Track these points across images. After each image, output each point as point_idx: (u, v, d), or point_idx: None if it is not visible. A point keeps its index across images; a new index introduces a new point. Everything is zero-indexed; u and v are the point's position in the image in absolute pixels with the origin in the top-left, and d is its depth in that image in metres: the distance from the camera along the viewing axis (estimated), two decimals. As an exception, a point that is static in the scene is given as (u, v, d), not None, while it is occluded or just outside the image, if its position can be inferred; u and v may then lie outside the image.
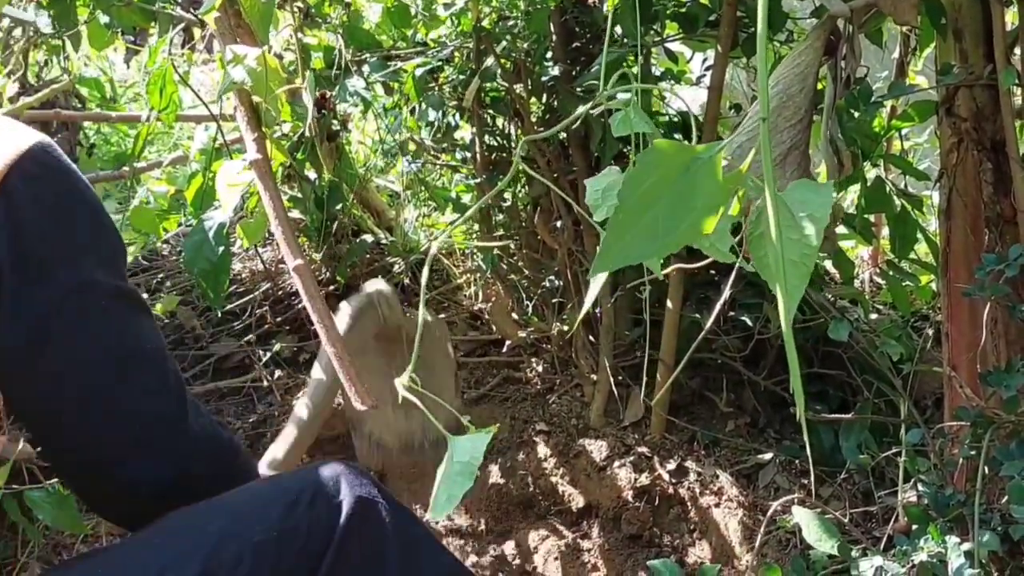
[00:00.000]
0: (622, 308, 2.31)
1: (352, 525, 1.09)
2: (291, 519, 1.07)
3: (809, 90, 1.40)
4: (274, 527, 1.06)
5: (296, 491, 1.09)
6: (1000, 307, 1.62)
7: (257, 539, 1.04)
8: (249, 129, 1.15)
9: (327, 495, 1.10)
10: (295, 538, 1.06)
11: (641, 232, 0.90)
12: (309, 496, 1.09)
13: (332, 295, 2.55)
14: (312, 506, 1.08)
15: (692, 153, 0.89)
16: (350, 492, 1.11)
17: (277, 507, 1.08)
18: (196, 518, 1.08)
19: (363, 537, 1.10)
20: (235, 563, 1.02)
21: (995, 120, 1.65)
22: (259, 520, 1.06)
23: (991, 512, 1.49)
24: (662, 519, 2.07)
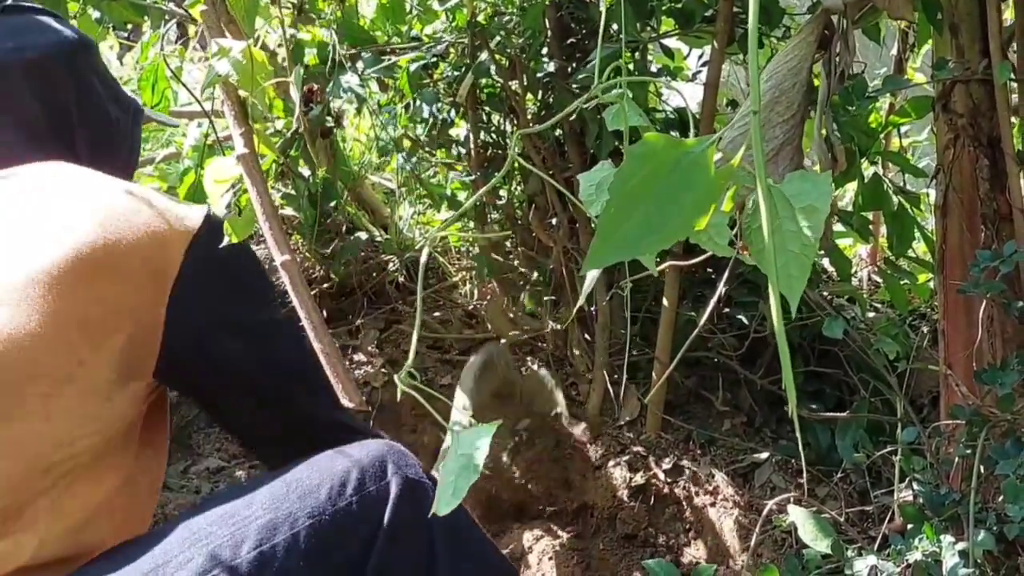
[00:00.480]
0: (618, 306, 2.30)
1: (402, 506, 1.10)
2: (341, 500, 1.08)
3: (802, 85, 1.39)
4: (326, 510, 1.06)
5: (344, 472, 1.10)
6: (996, 304, 1.61)
7: (309, 522, 1.05)
8: (236, 124, 1.13)
9: (375, 476, 1.11)
10: (347, 520, 1.07)
11: (632, 228, 0.88)
12: (357, 476, 1.10)
13: (326, 293, 2.54)
14: (361, 487, 1.09)
15: (682, 148, 0.87)
16: (398, 472, 1.12)
17: (325, 489, 1.08)
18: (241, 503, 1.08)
19: (412, 518, 1.10)
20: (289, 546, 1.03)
21: (991, 116, 1.64)
22: (309, 503, 1.07)
23: (986, 511, 1.48)
24: (658, 519, 2.06)
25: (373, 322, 2.51)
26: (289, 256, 1.01)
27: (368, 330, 2.48)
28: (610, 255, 0.88)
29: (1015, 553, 1.51)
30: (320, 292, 2.50)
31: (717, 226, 1.09)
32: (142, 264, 1.06)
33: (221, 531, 1.03)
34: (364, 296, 2.54)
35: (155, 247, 1.07)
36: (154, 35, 1.99)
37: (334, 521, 1.06)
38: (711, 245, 1.08)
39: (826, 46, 1.45)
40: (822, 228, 0.88)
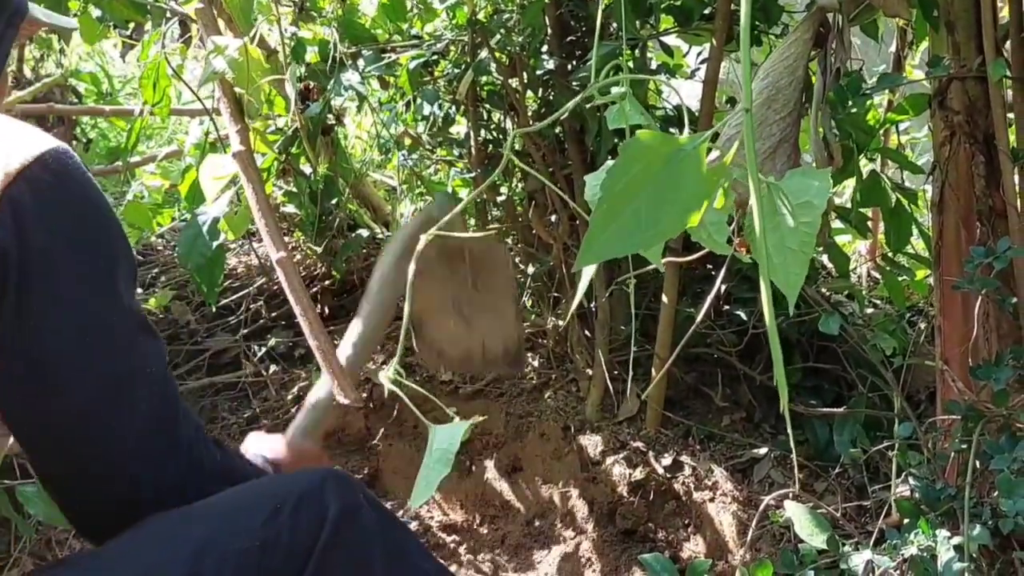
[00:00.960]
0: (618, 303, 2.31)
1: (336, 532, 1.07)
2: (274, 526, 1.04)
3: (798, 83, 1.40)
4: (257, 535, 1.03)
5: (280, 497, 1.07)
6: (991, 300, 1.61)
7: (240, 547, 1.02)
8: (232, 121, 1.14)
9: (311, 502, 1.08)
10: (278, 546, 1.04)
11: (624, 225, 0.89)
12: (293, 502, 1.06)
13: (328, 290, 2.55)
14: (296, 513, 1.06)
15: (675, 145, 0.88)
16: (335, 499, 1.09)
17: (260, 514, 1.05)
18: (176, 525, 1.05)
19: (348, 544, 1.09)
20: (217, 571, 1.00)
21: (987, 114, 1.64)
22: (242, 528, 1.04)
23: (981, 506, 1.49)
24: (657, 514, 2.07)
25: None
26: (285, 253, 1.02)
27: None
28: (602, 251, 0.89)
29: (1010, 547, 1.52)
30: (321, 289, 2.51)
31: (716, 224, 1.11)
32: None
33: (154, 553, 1.01)
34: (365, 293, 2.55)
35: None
36: (155, 33, 2.00)
37: (264, 547, 1.03)
38: (710, 242, 1.09)
39: (822, 44, 1.46)
40: (819, 224, 0.89)
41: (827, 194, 0.89)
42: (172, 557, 1.01)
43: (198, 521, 1.06)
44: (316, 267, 2.51)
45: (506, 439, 2.28)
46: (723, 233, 1.11)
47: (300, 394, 2.30)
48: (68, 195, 0.96)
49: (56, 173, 0.94)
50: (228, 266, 2.55)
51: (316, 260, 2.49)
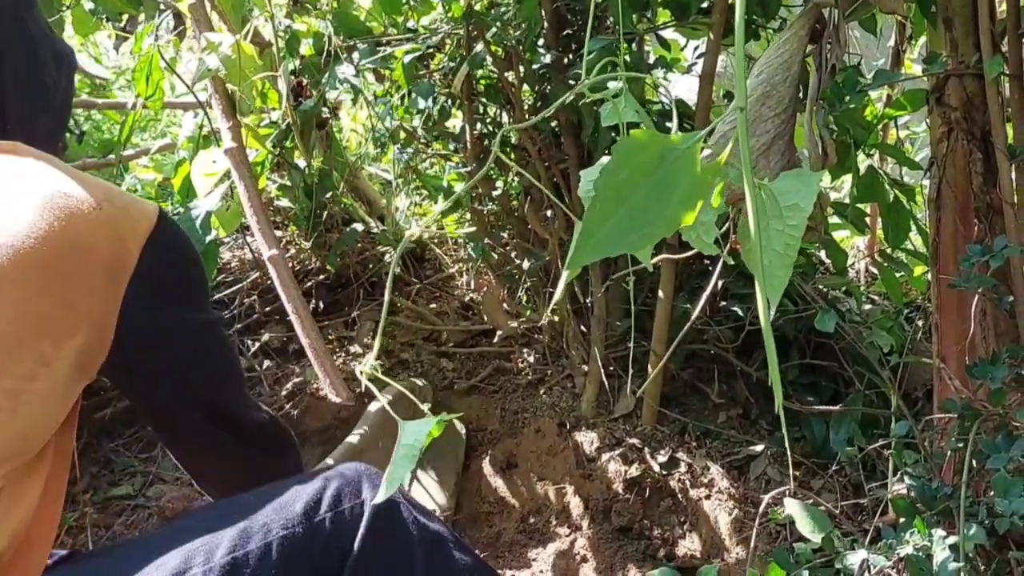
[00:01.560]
0: (614, 299, 2.30)
1: (377, 524, 1.10)
2: (315, 515, 1.08)
3: (794, 79, 1.39)
4: (299, 523, 1.07)
5: (318, 490, 1.11)
6: (988, 298, 1.60)
7: (283, 533, 1.05)
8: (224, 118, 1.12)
9: (350, 494, 1.11)
10: (319, 536, 1.07)
11: (617, 224, 0.88)
12: (332, 494, 1.10)
13: (322, 284, 2.54)
14: (336, 504, 1.09)
15: (668, 143, 0.87)
16: (374, 491, 1.12)
17: (300, 504, 1.08)
18: (217, 514, 1.09)
19: (388, 536, 1.11)
20: (263, 556, 1.03)
21: (985, 110, 1.63)
22: (285, 516, 1.07)
23: (978, 505, 1.48)
24: (652, 511, 2.06)
25: (369, 314, 2.51)
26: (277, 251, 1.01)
27: (364, 322, 2.48)
28: (595, 251, 0.88)
29: (1006, 547, 1.51)
30: (316, 284, 2.50)
31: (705, 224, 1.09)
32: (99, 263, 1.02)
33: (196, 538, 1.04)
34: (360, 287, 2.54)
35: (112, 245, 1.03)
36: (148, 26, 1.98)
37: (307, 535, 1.06)
38: (698, 243, 1.08)
39: (818, 40, 1.44)
40: (804, 227, 0.88)
41: (814, 197, 0.88)
42: (216, 542, 1.03)
43: (239, 510, 1.09)
44: (310, 261, 2.50)
45: (501, 435, 2.27)
46: (711, 234, 1.09)
47: (294, 389, 2.29)
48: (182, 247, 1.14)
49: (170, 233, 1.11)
50: (221, 260, 2.54)
51: (310, 254, 2.48)
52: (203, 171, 1.14)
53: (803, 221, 0.87)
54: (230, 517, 1.08)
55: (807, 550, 1.48)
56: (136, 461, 2.25)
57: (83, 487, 2.17)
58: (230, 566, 1.01)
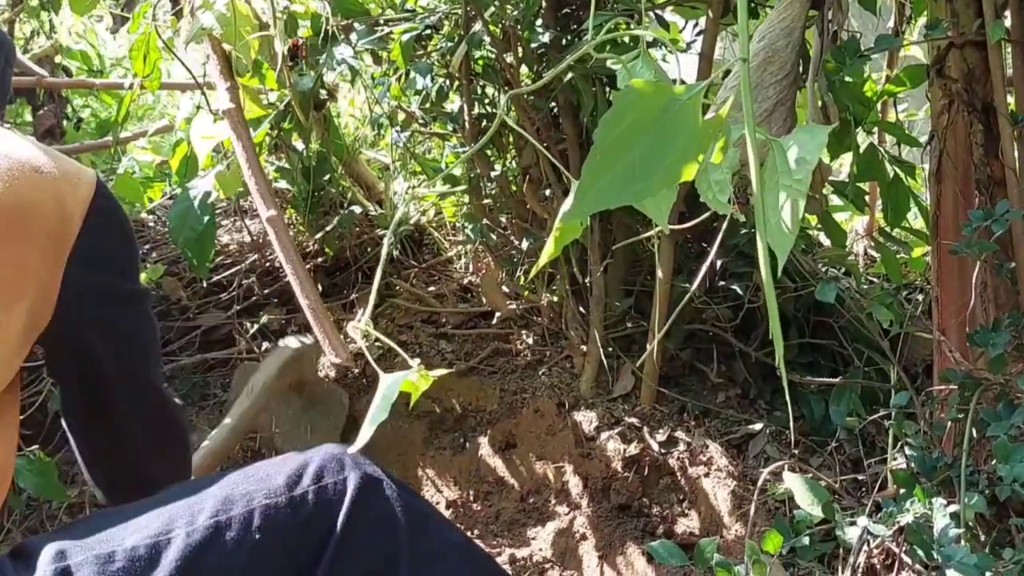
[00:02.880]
0: (613, 279, 2.29)
1: (360, 499, 1.09)
2: (298, 488, 1.07)
3: (795, 45, 1.38)
4: (281, 494, 1.06)
5: (300, 465, 1.09)
6: (989, 269, 1.60)
7: (265, 502, 1.04)
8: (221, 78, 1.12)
9: (333, 470, 1.10)
10: (302, 508, 1.06)
11: (619, 175, 0.87)
12: (315, 470, 1.08)
13: (320, 267, 2.53)
14: (319, 479, 1.08)
15: (670, 94, 0.86)
16: (356, 468, 1.10)
17: (282, 477, 1.07)
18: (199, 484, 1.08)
19: (372, 511, 1.09)
20: (245, 522, 1.02)
21: (986, 81, 1.63)
22: (265, 487, 1.06)
23: (978, 474, 1.48)
24: (651, 489, 2.06)
25: (367, 297, 2.50)
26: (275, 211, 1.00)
27: (362, 304, 2.47)
28: (596, 202, 0.87)
29: (1006, 516, 1.50)
30: (314, 267, 2.49)
31: (720, 183, 1.09)
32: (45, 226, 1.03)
33: (179, 503, 1.04)
34: (358, 271, 2.54)
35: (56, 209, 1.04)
36: (145, 5, 1.97)
37: (290, 506, 1.05)
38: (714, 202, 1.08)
39: (819, 6, 1.44)
40: (810, 180, 0.88)
41: (820, 149, 0.88)
42: (198, 504, 1.03)
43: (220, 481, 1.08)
44: (309, 244, 2.49)
45: (500, 416, 2.26)
46: (726, 192, 1.09)
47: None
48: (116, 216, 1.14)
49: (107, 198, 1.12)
50: (220, 243, 2.53)
51: (308, 237, 2.47)
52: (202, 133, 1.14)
53: (808, 175, 0.86)
54: (210, 488, 1.07)
55: (806, 517, 1.48)
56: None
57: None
58: (213, 528, 1.01)
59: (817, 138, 0.88)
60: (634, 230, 2.12)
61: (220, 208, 2.55)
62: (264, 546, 1.03)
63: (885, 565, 1.69)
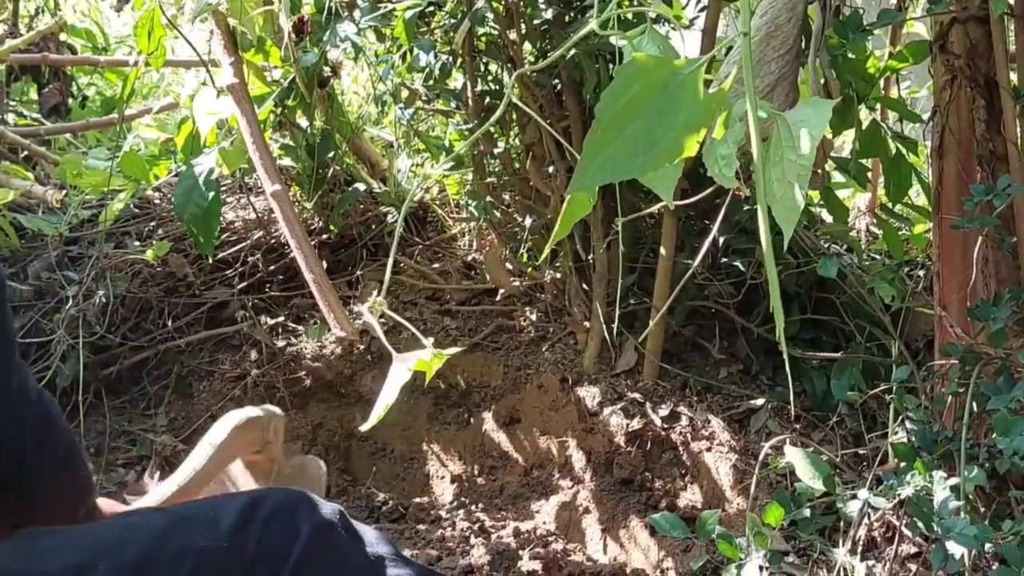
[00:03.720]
0: (615, 255, 2.30)
1: (310, 550, 1.04)
2: (242, 535, 1.01)
3: (798, 19, 1.39)
4: (223, 538, 1.00)
5: (250, 509, 1.04)
6: (990, 244, 1.61)
7: (203, 544, 0.99)
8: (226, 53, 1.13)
9: (285, 518, 1.05)
10: (244, 553, 1.00)
11: (621, 148, 0.88)
12: (265, 515, 1.04)
13: (325, 244, 2.54)
14: (267, 526, 1.03)
15: (672, 68, 0.87)
16: (308, 518, 1.06)
17: (229, 520, 1.02)
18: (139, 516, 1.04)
19: (321, 562, 1.06)
20: (176, 560, 0.97)
21: (989, 56, 1.63)
22: (207, 528, 1.01)
23: (978, 447, 1.49)
24: (654, 464, 2.07)
25: (372, 274, 2.51)
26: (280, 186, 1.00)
27: (367, 281, 2.48)
28: (598, 176, 0.88)
29: (1006, 488, 1.52)
30: (319, 244, 2.50)
31: (726, 157, 1.09)
32: None
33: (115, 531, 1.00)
34: (363, 248, 2.55)
35: None
36: (150, -18, 1.97)
37: (231, 551, 1.00)
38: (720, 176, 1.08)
39: (821, -20, 1.44)
40: (815, 153, 0.88)
41: (824, 123, 0.89)
42: (130, 538, 0.98)
43: (162, 515, 1.04)
44: (313, 221, 2.50)
45: (504, 391, 2.28)
46: (732, 166, 1.09)
47: (298, 347, 2.30)
48: None
49: None
50: (225, 220, 2.54)
51: (313, 214, 2.48)
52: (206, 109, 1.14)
53: (813, 149, 0.87)
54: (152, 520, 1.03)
55: (807, 490, 1.49)
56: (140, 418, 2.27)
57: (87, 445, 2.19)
58: (138, 565, 0.95)
59: (822, 113, 0.89)
60: (637, 207, 2.12)
61: (225, 185, 2.56)
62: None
63: (885, 538, 1.71)
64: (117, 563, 0.94)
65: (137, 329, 2.35)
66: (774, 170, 0.92)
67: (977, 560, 1.48)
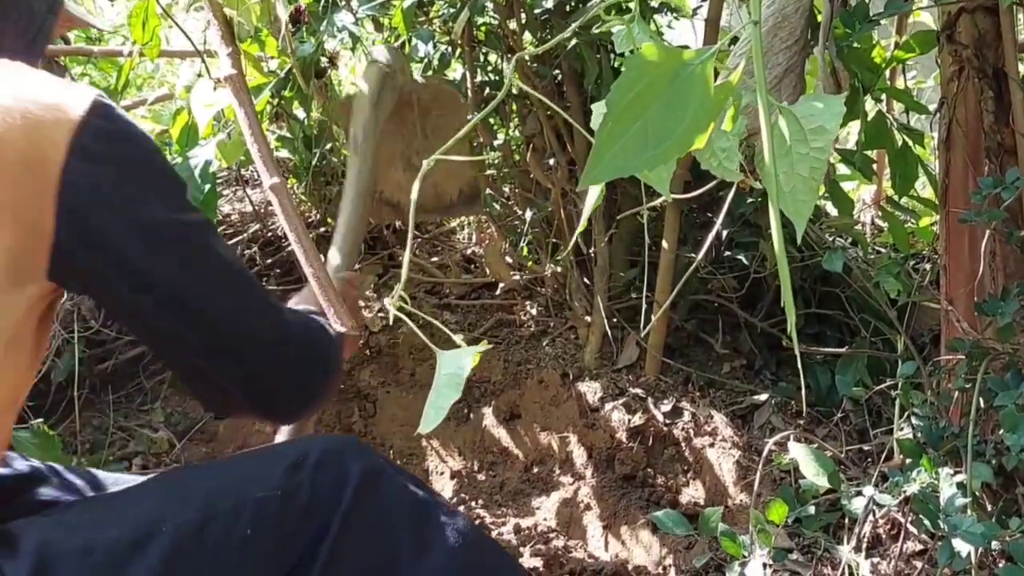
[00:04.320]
0: (617, 249, 2.28)
1: (359, 492, 1.07)
2: (294, 481, 1.04)
3: (805, 10, 1.36)
4: (276, 486, 1.03)
5: (300, 455, 1.07)
6: (998, 238, 1.59)
7: (258, 495, 1.02)
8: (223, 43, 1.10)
9: (333, 462, 1.07)
10: (297, 500, 1.04)
11: (630, 142, 0.86)
12: (314, 461, 1.06)
13: (323, 237, 2.52)
14: (317, 470, 1.06)
15: (681, 59, 0.85)
16: (357, 460, 1.09)
17: (279, 468, 1.05)
18: (195, 473, 1.09)
19: (371, 504, 1.08)
20: (234, 515, 1.00)
21: (997, 47, 1.61)
22: (260, 478, 1.04)
23: (985, 444, 1.47)
24: (656, 459, 2.05)
25: (371, 267, 2.49)
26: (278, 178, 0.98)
27: (366, 275, 2.46)
28: (608, 170, 0.86)
29: (1013, 485, 1.50)
30: (316, 237, 2.47)
31: (727, 150, 1.07)
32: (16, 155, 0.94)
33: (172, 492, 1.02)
34: (362, 242, 2.52)
35: (31, 136, 0.95)
36: (144, -29, 1.95)
37: (285, 497, 1.03)
38: (720, 170, 1.06)
39: (829, -30, 1.42)
40: (830, 150, 0.86)
41: (839, 118, 0.87)
42: (187, 497, 1.01)
43: (213, 472, 1.08)
44: (310, 214, 2.47)
45: (504, 386, 2.26)
46: (734, 160, 1.07)
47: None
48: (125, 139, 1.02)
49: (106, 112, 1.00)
50: (222, 213, 2.52)
51: (311, 207, 2.46)
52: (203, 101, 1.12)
53: (829, 144, 0.85)
54: (206, 476, 1.06)
55: (813, 487, 1.47)
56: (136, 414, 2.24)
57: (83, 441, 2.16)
58: (200, 522, 0.99)
59: (834, 107, 0.87)
60: (639, 200, 2.10)
61: (221, 178, 2.53)
62: (255, 540, 1.01)
63: (891, 535, 1.69)
64: (178, 523, 0.98)
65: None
66: (781, 163, 0.90)
67: (983, 558, 1.46)
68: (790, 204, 0.91)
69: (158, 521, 0.98)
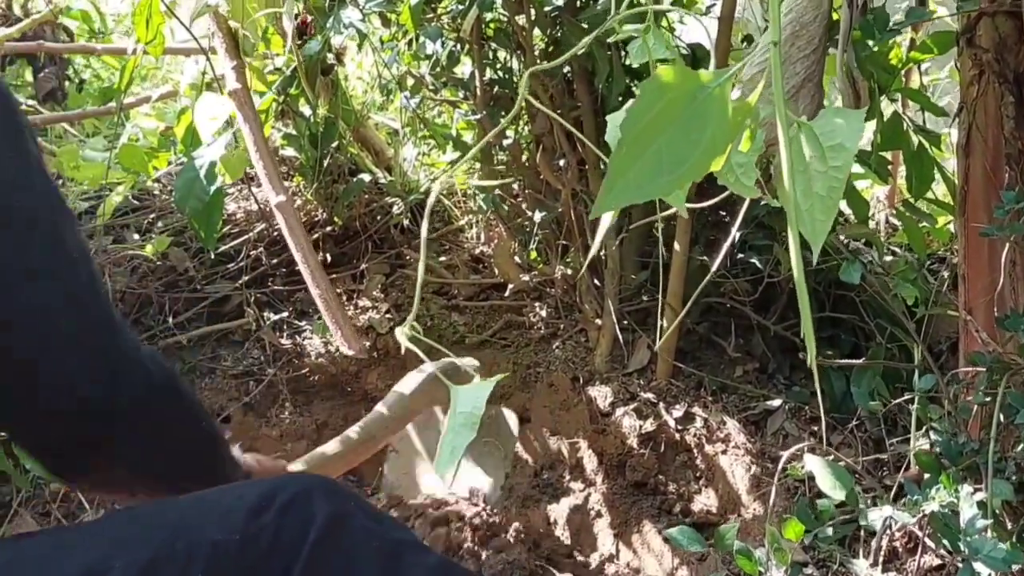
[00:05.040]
0: (628, 251, 2.24)
1: (325, 537, 1.02)
2: (255, 525, 0.99)
3: (823, 18, 1.32)
4: (236, 530, 0.98)
5: (265, 498, 1.02)
6: (1019, 248, 1.55)
7: (215, 538, 0.97)
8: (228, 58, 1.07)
9: (299, 506, 1.02)
10: (258, 544, 0.98)
11: (646, 167, 0.83)
12: (279, 505, 1.01)
13: (329, 236, 2.49)
14: (282, 515, 1.01)
15: (698, 82, 0.82)
16: (323, 505, 1.04)
17: (242, 511, 1.00)
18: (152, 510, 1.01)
19: (336, 551, 1.03)
20: (187, 558, 0.95)
21: (1018, 51, 1.56)
22: (220, 520, 0.99)
23: (1005, 461, 1.44)
24: (668, 466, 2.03)
25: (378, 267, 2.46)
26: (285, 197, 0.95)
27: (373, 275, 2.43)
28: (623, 196, 0.83)
29: (1034, 504, 1.47)
30: (323, 236, 2.44)
31: (744, 166, 1.04)
32: None
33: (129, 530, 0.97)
34: (368, 240, 2.49)
35: None
36: (147, -32, 1.91)
37: (244, 543, 0.97)
38: (737, 186, 1.03)
39: (849, -25, 1.37)
40: (849, 168, 0.83)
41: (860, 136, 0.83)
42: (141, 536, 0.96)
43: (174, 509, 1.01)
44: (317, 212, 2.44)
45: (513, 390, 2.23)
46: (751, 176, 1.04)
47: (301, 342, 2.25)
48: None
49: None
50: (227, 212, 2.49)
51: (317, 205, 2.42)
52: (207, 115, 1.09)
53: (849, 162, 0.82)
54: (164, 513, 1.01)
55: (829, 507, 1.44)
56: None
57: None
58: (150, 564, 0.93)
59: (854, 124, 0.83)
60: (651, 205, 2.06)
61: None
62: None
63: (907, 549, 1.67)
64: (128, 563, 0.92)
65: (137, 325, 2.30)
66: (797, 181, 0.87)
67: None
68: (807, 223, 0.88)
69: (109, 558, 0.93)
